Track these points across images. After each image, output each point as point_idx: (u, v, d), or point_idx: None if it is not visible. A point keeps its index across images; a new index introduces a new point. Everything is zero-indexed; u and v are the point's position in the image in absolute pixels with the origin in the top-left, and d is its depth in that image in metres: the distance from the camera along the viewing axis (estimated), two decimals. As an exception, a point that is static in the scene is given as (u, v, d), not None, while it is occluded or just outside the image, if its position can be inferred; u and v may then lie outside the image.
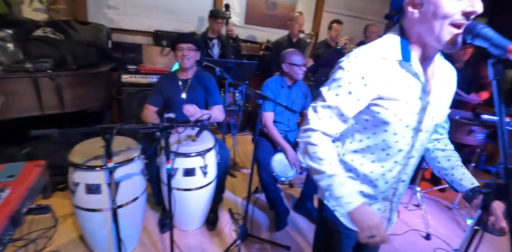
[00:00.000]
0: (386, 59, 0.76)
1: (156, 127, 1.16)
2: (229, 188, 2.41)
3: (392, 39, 0.78)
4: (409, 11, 0.72)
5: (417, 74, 0.76)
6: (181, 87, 1.91)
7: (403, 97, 0.76)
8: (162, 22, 3.15)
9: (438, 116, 0.83)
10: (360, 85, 0.75)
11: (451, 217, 2.41)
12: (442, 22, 0.67)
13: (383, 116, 0.78)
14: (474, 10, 0.65)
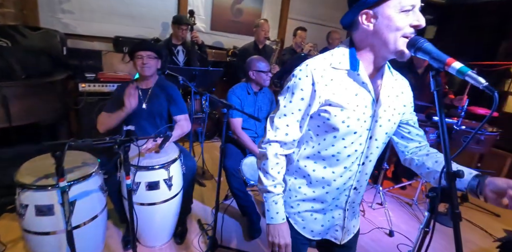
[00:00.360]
0: (336, 68, 0.81)
1: (113, 141, 1.10)
2: (198, 197, 2.36)
3: (342, 50, 0.83)
4: (364, 24, 0.77)
5: (364, 83, 0.81)
6: (141, 97, 1.84)
7: (350, 104, 0.81)
8: (123, 28, 3.03)
9: (386, 125, 0.87)
10: (311, 91, 0.81)
11: (411, 213, 2.56)
12: (395, 34, 0.73)
13: (332, 122, 0.82)
14: (420, 24, 0.73)
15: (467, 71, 0.63)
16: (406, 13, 0.72)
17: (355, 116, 0.82)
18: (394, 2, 0.72)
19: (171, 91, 1.92)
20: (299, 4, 4.23)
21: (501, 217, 2.69)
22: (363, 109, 0.82)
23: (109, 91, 2.60)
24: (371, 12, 0.75)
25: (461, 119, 2.34)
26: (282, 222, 0.91)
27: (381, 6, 0.73)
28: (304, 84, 0.81)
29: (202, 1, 3.50)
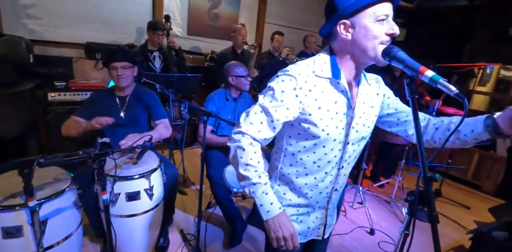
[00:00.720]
0: (318, 76, 0.83)
1: (87, 155, 1.05)
2: (180, 206, 2.31)
3: (324, 58, 0.85)
4: (342, 33, 0.80)
5: (344, 91, 0.84)
6: (119, 105, 1.78)
7: (330, 112, 0.83)
8: (95, 34, 2.91)
9: (362, 130, 0.91)
10: (292, 95, 0.81)
11: (390, 210, 2.65)
12: (373, 42, 0.77)
13: (312, 131, 0.84)
14: (394, 32, 0.77)
15: (439, 79, 0.66)
16: (381, 22, 0.76)
17: (333, 124, 0.84)
18: (369, 13, 0.75)
19: (149, 97, 1.88)
20: (275, 8, 4.29)
21: (471, 209, 2.86)
22: (341, 116, 0.85)
23: (82, 99, 2.48)
24: (348, 22, 0.78)
25: (433, 119, 2.47)
26: (280, 212, 0.84)
27: (357, 17, 0.76)
28: (286, 87, 0.81)
29: (178, 6, 3.45)
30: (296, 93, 0.81)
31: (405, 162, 2.67)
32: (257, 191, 0.83)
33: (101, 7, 2.90)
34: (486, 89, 6.89)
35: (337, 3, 0.77)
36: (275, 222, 0.83)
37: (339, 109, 0.84)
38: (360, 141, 0.93)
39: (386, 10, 0.75)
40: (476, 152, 3.52)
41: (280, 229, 0.83)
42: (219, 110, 2.07)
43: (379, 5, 0.74)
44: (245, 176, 0.84)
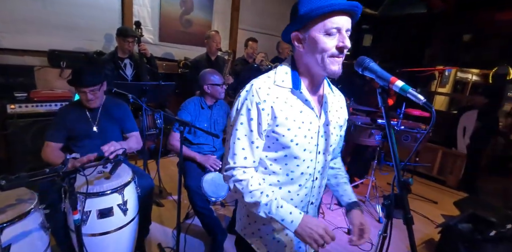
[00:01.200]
0: (280, 86, 0.83)
1: (55, 174, 0.98)
2: (157, 219, 2.23)
3: (285, 68, 0.86)
4: (296, 45, 0.82)
5: (307, 101, 0.85)
6: (91, 119, 1.71)
7: (296, 122, 0.84)
8: (59, 40, 2.75)
9: (330, 138, 0.92)
10: (258, 110, 0.81)
11: (365, 209, 2.75)
12: (322, 55, 0.78)
13: (282, 141, 0.84)
14: (344, 45, 0.77)
15: (408, 89, 0.71)
16: (331, 36, 0.76)
17: (301, 133, 0.85)
18: (319, 26, 0.76)
19: (121, 109, 1.84)
20: (248, 15, 4.34)
21: (438, 203, 3.04)
22: (308, 125, 0.86)
23: (46, 111, 2.33)
24: (300, 35, 0.79)
25: (400, 121, 2.61)
26: (302, 216, 0.82)
27: (309, 29, 0.77)
28: (250, 104, 0.81)
29: (149, 12, 3.37)
30: (262, 107, 0.81)
31: (377, 162, 2.80)
32: (272, 210, 0.81)
33: (66, 12, 2.76)
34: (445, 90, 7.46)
35: (299, 10, 0.78)
36: (304, 227, 0.81)
37: (305, 118, 0.85)
38: (330, 150, 0.94)
39: (338, 23, 0.75)
40: (440, 150, 3.78)
41: (312, 231, 0.80)
42: (194, 118, 2.05)
43: (331, 18, 0.74)
44: (254, 202, 0.82)
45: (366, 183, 3.16)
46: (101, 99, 1.76)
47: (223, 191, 1.92)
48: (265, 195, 0.82)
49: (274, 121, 0.82)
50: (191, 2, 3.73)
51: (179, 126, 1.45)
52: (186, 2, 3.68)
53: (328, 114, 0.91)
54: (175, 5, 3.59)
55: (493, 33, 4.82)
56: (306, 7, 0.75)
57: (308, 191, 0.93)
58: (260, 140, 0.84)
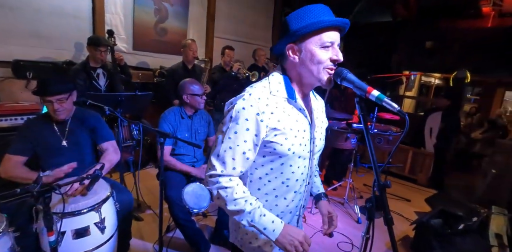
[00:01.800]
0: (276, 96, 0.85)
1: (29, 193, 0.93)
2: (136, 234, 2.14)
3: (278, 78, 0.88)
4: (290, 56, 0.85)
5: (302, 109, 0.88)
6: (59, 133, 1.61)
7: (293, 131, 0.86)
8: (25, 49, 2.62)
9: (319, 143, 0.97)
10: (256, 121, 0.81)
11: (344, 211, 2.84)
12: (318, 66, 0.82)
13: (279, 151, 0.85)
14: (338, 59, 0.83)
15: (384, 98, 0.76)
16: (326, 49, 0.81)
17: (297, 141, 0.87)
18: (315, 39, 0.81)
19: (92, 120, 1.73)
20: (223, 23, 4.38)
21: (411, 201, 3.21)
22: (302, 133, 0.88)
23: (10, 125, 2.18)
24: (296, 46, 0.83)
25: (374, 124, 2.75)
26: (283, 225, 0.85)
27: (305, 42, 0.82)
28: (249, 114, 0.80)
29: (122, 20, 3.31)
30: (261, 118, 0.80)
31: (353, 165, 2.91)
32: (255, 218, 0.83)
33: (32, 20, 2.64)
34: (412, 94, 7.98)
35: (288, 25, 0.82)
36: (285, 235, 0.84)
37: (300, 126, 0.88)
38: (318, 155, 0.99)
39: (332, 37, 0.81)
40: (410, 150, 4.00)
41: (293, 238, 0.83)
42: (175, 128, 2.02)
43: (326, 33, 0.80)
44: (237, 210, 0.83)
45: (344, 185, 3.27)
46: (70, 111, 1.64)
47: (205, 202, 1.89)
48: (249, 203, 0.83)
49: (272, 131, 0.83)
50: (165, 11, 3.70)
51: (159, 137, 1.43)
52: (160, 11, 3.65)
53: (316, 121, 0.95)
54: (149, 13, 3.55)
55: (453, 39, 5.22)
56: (302, 22, 0.80)
57: (302, 196, 0.97)
58: (252, 152, 0.84)
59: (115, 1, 3.18)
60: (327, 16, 0.81)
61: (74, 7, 2.87)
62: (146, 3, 3.48)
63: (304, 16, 0.80)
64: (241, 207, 0.82)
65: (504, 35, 4.68)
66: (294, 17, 0.82)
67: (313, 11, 0.80)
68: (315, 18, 0.79)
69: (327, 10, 0.82)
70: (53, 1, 2.73)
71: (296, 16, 0.82)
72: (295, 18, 0.81)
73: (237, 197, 0.83)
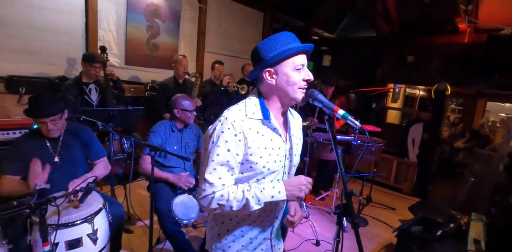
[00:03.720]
0: (251, 118, 0.94)
1: (26, 206, 0.99)
2: (126, 247, 2.17)
3: (254, 101, 0.97)
4: (268, 79, 0.94)
5: (276, 129, 0.97)
6: (51, 149, 1.65)
7: (267, 149, 0.94)
8: (18, 65, 2.68)
9: (295, 159, 1.06)
10: (235, 142, 0.89)
11: (331, 220, 2.92)
12: (293, 87, 0.93)
13: (255, 167, 0.94)
14: (310, 78, 0.94)
15: (348, 116, 0.88)
16: (298, 71, 0.93)
17: (272, 159, 0.95)
18: (289, 63, 0.91)
19: (84, 135, 1.79)
20: (214, 38, 4.55)
21: (396, 210, 3.32)
22: (277, 151, 0.97)
23: (3, 140, 2.22)
24: (272, 70, 0.93)
25: (357, 136, 2.88)
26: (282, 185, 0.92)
27: (280, 66, 0.92)
28: (227, 136, 0.88)
29: (114, 36, 3.42)
30: (238, 138, 0.89)
31: (339, 175, 3.01)
32: (259, 197, 0.89)
33: (26, 36, 2.71)
34: (397, 105, 8.27)
35: (262, 53, 0.93)
36: (289, 188, 0.92)
37: (275, 145, 0.96)
38: (294, 169, 1.08)
39: (302, 60, 0.92)
40: (394, 160, 4.16)
41: (298, 185, 0.92)
42: (164, 141, 2.10)
43: (296, 56, 0.91)
44: (243, 204, 0.89)
45: (331, 195, 3.37)
46: (63, 128, 1.68)
47: (193, 213, 1.95)
48: (246, 190, 0.90)
49: (247, 150, 0.91)
50: (157, 27, 3.85)
51: (150, 151, 1.50)
52: (152, 27, 3.79)
53: (292, 138, 1.04)
54: (142, 30, 3.68)
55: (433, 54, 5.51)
56: (275, 50, 0.91)
57: (273, 207, 1.04)
58: (235, 169, 0.92)
59: (108, 18, 3.30)
60: (295, 43, 0.93)
61: (67, 24, 2.96)
62: (139, 20, 3.62)
63: (276, 44, 0.91)
64: (244, 198, 0.89)
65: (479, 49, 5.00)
66: (266, 45, 0.93)
67: (283, 39, 0.92)
68: (286, 45, 0.91)
69: (293, 37, 0.94)
70: (46, 18, 2.82)
71: (268, 45, 0.92)
72: (267, 47, 0.92)
73: (234, 195, 0.89)
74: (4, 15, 2.57)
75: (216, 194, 0.89)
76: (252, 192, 0.90)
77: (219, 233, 1.03)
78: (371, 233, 2.74)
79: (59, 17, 2.90)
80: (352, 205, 0.92)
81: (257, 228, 1.03)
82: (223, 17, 4.62)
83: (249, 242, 1.04)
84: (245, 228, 1.02)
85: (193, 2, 4.18)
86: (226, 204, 0.89)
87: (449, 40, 5.37)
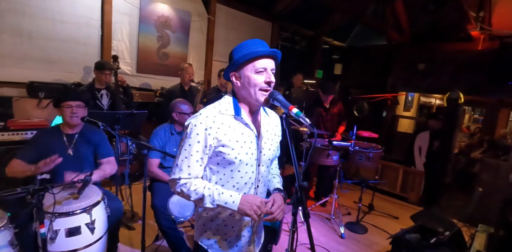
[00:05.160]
0: (224, 114, 1.04)
1: (25, 191, 1.14)
2: (127, 242, 2.30)
3: (228, 99, 1.09)
4: (234, 81, 1.06)
5: (247, 124, 1.07)
6: (67, 143, 1.85)
7: (239, 142, 1.04)
8: (38, 72, 2.95)
9: (268, 153, 1.14)
10: (205, 135, 1.00)
11: (330, 227, 2.93)
12: (255, 89, 1.02)
13: (228, 158, 1.04)
14: (271, 80, 1.03)
15: (300, 114, 0.97)
16: (260, 73, 1.02)
17: (244, 151, 1.05)
18: (250, 67, 1.01)
19: (97, 135, 1.99)
20: (221, 47, 4.75)
21: (399, 219, 3.26)
22: (249, 144, 1.07)
23: (22, 139, 2.45)
24: (237, 73, 1.04)
25: (354, 142, 2.91)
26: (241, 196, 0.99)
27: (242, 69, 1.02)
28: (198, 130, 1.00)
29: (127, 46, 3.68)
30: (208, 132, 1.00)
31: (338, 181, 3.03)
32: (215, 197, 0.99)
33: (47, 47, 2.99)
34: (410, 114, 8.10)
35: (232, 57, 1.04)
36: (244, 203, 0.99)
37: (246, 138, 1.06)
38: (268, 162, 1.16)
39: (264, 64, 1.00)
40: (401, 168, 4.09)
41: (251, 203, 0.98)
42: (164, 143, 2.24)
43: (258, 60, 1.00)
44: (200, 197, 0.99)
45: (330, 201, 3.37)
46: (80, 123, 1.91)
47: (188, 211, 2.05)
48: (207, 188, 1.00)
49: (219, 142, 1.02)
50: (167, 37, 4.09)
51: (143, 149, 1.64)
52: (163, 37, 4.04)
53: (266, 133, 1.13)
54: (153, 40, 3.93)
55: (445, 61, 5.44)
56: (239, 54, 1.02)
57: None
58: (204, 160, 1.03)
59: (121, 29, 3.57)
60: (260, 48, 1.01)
61: (84, 36, 3.25)
62: (150, 30, 3.87)
63: (242, 49, 1.02)
64: (201, 194, 1.00)
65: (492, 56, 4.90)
66: (235, 50, 1.04)
67: (249, 45, 1.02)
68: (249, 50, 1.01)
69: (260, 43, 1.04)
70: (67, 31, 3.10)
71: (237, 49, 1.04)
72: (236, 51, 1.04)
73: (195, 187, 1.00)
74: (30, 28, 2.86)
75: (181, 181, 1.01)
76: (211, 191, 1.01)
77: (205, 223, 1.13)
78: (369, 240, 2.72)
79: (78, 29, 3.19)
80: (304, 196, 0.99)
81: (238, 219, 1.12)
82: (231, 27, 4.83)
83: (231, 231, 1.12)
84: (226, 219, 1.11)
85: (202, 14, 4.41)
86: (186, 192, 1.02)
87: (461, 47, 5.30)
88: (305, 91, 4.57)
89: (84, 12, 3.20)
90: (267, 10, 5.27)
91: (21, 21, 2.79)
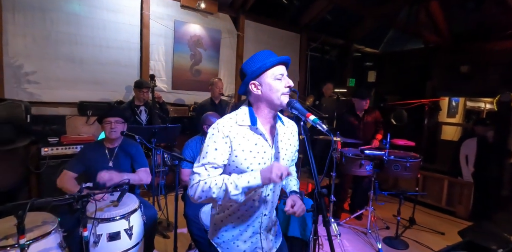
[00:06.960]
0: (240, 124, 1.09)
1: (71, 198, 1.28)
2: (162, 249, 2.40)
3: (244, 110, 1.13)
4: (254, 90, 1.10)
5: (262, 134, 1.11)
6: (108, 156, 2.07)
7: (253, 152, 1.08)
8: (87, 93, 3.29)
9: (281, 163, 1.15)
10: (222, 143, 1.05)
11: (366, 241, 2.76)
12: (277, 94, 1.07)
13: (241, 168, 1.07)
14: (290, 85, 1.08)
15: (317, 121, 0.99)
16: (279, 80, 1.07)
17: (256, 161, 1.08)
18: (269, 74, 1.07)
19: (134, 148, 2.18)
20: (250, 62, 4.89)
21: (445, 234, 2.97)
22: (262, 154, 1.10)
23: (72, 153, 2.74)
24: (256, 82, 1.09)
25: (387, 151, 2.76)
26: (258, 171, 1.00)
27: (262, 77, 1.07)
28: (216, 138, 1.05)
29: (163, 65, 3.97)
30: (225, 141, 1.05)
31: (373, 192, 2.87)
32: (238, 184, 0.98)
33: (94, 70, 3.34)
34: (455, 120, 7.46)
35: (245, 70, 1.10)
36: (264, 174, 0.98)
37: (259, 149, 1.09)
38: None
39: (280, 71, 1.06)
40: (445, 179, 3.76)
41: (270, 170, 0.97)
42: (195, 154, 2.34)
43: (275, 68, 1.06)
44: (223, 190, 0.98)
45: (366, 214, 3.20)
46: (120, 137, 2.11)
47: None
48: (226, 178, 1.00)
49: (233, 152, 1.06)
50: (200, 55, 4.35)
51: (174, 160, 1.74)
52: (195, 55, 4.30)
53: (280, 143, 1.16)
54: (186, 58, 4.21)
55: (490, 62, 5.03)
56: (256, 65, 1.07)
57: (261, 205, 1.15)
58: (220, 166, 1.06)
59: (158, 50, 3.89)
60: (272, 57, 1.08)
61: (126, 58, 3.59)
62: (183, 50, 4.16)
63: (256, 60, 1.08)
64: (224, 185, 0.99)
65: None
66: (248, 63, 1.10)
67: (261, 56, 1.09)
68: (264, 60, 1.07)
69: (270, 53, 1.10)
70: (110, 55, 3.47)
71: (250, 62, 1.10)
72: (249, 64, 1.10)
73: (217, 183, 1.00)
74: (82, 55, 3.25)
75: (201, 182, 1.03)
76: (231, 179, 1.01)
77: (215, 223, 1.18)
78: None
79: (120, 53, 3.54)
80: (325, 204, 0.99)
81: (246, 222, 1.15)
82: (260, 41, 4.98)
83: (239, 233, 1.15)
84: (235, 221, 1.15)
85: (232, 31, 4.63)
86: (209, 190, 1.00)
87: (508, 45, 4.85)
88: (336, 100, 4.50)
89: (125, 36, 3.55)
90: (295, 22, 5.35)
91: (74, 49, 3.19)
